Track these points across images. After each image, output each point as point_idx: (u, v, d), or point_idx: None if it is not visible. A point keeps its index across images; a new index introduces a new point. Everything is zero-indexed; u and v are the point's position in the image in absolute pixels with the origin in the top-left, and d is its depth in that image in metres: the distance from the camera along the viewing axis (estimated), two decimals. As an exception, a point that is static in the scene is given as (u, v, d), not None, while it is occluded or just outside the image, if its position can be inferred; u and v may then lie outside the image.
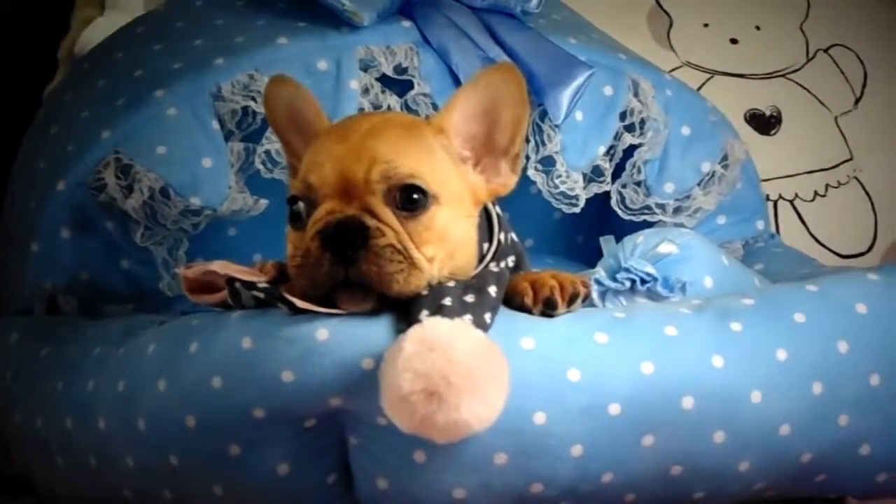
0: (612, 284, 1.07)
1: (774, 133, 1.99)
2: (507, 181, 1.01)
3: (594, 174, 1.39)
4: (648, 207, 1.43)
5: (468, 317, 0.88)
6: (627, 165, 1.42)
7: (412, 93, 1.32)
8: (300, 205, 0.95)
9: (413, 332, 0.84)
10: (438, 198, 0.94)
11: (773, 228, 1.64)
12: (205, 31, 1.34)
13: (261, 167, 1.26)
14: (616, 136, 1.39)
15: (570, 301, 0.95)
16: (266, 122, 1.07)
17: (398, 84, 1.33)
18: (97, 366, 1.03)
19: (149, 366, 0.96)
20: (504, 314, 0.93)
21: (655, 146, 1.41)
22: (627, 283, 1.07)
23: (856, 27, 2.08)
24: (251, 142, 1.27)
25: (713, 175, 1.44)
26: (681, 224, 1.42)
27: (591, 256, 1.42)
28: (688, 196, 1.43)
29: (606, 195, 1.43)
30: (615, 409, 0.91)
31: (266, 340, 0.90)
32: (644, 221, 1.42)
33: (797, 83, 2.03)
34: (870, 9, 2.11)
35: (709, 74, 2.01)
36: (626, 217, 1.43)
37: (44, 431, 1.07)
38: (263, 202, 1.26)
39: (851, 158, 1.99)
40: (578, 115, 1.36)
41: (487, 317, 0.90)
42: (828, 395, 0.97)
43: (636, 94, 1.40)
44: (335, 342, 0.88)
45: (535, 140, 1.35)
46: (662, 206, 1.42)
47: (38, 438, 1.08)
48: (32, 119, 1.42)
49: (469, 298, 0.91)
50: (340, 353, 0.88)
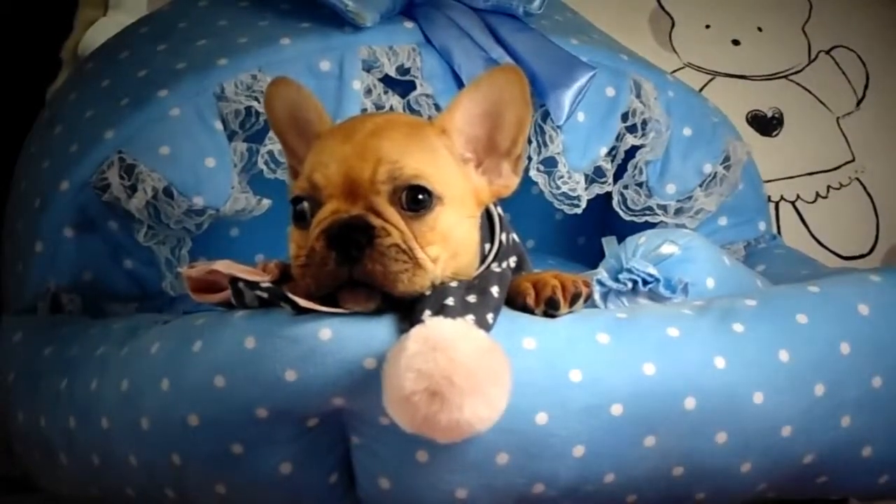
0: (614, 285, 1.07)
1: (776, 134, 1.99)
2: (509, 182, 1.01)
3: (596, 175, 1.39)
4: (650, 208, 1.43)
5: (470, 317, 0.88)
6: (629, 166, 1.42)
7: (415, 93, 1.32)
8: (304, 204, 0.95)
9: (416, 332, 0.84)
10: (442, 198, 0.94)
11: (775, 230, 1.63)
12: (208, 32, 1.34)
13: (264, 167, 1.27)
14: (618, 137, 1.39)
15: (572, 301, 0.95)
16: (268, 123, 1.08)
17: (401, 85, 1.33)
18: (100, 365, 1.03)
19: (152, 365, 0.96)
20: (506, 314, 0.93)
21: (657, 147, 1.41)
22: (629, 284, 1.07)
23: (858, 28, 2.08)
24: (254, 142, 1.27)
25: (715, 176, 1.44)
26: (682, 225, 1.42)
27: (593, 257, 1.42)
28: (689, 197, 1.43)
29: (608, 196, 1.43)
30: (617, 410, 0.91)
31: (269, 340, 0.90)
32: (646, 222, 1.42)
33: (799, 84, 2.03)
34: (872, 10, 2.11)
35: (710, 76, 2.01)
36: (628, 218, 1.43)
37: (47, 431, 1.07)
38: (266, 202, 1.27)
39: (853, 160, 1.99)
40: (580, 116, 1.36)
41: (490, 317, 0.90)
42: (830, 397, 0.97)
43: (638, 95, 1.40)
44: (338, 342, 0.88)
45: (537, 141, 1.36)
46: (664, 208, 1.43)
47: (42, 438, 1.08)
48: (36, 119, 1.42)
49: (471, 299, 0.91)
50: (343, 353, 0.88)
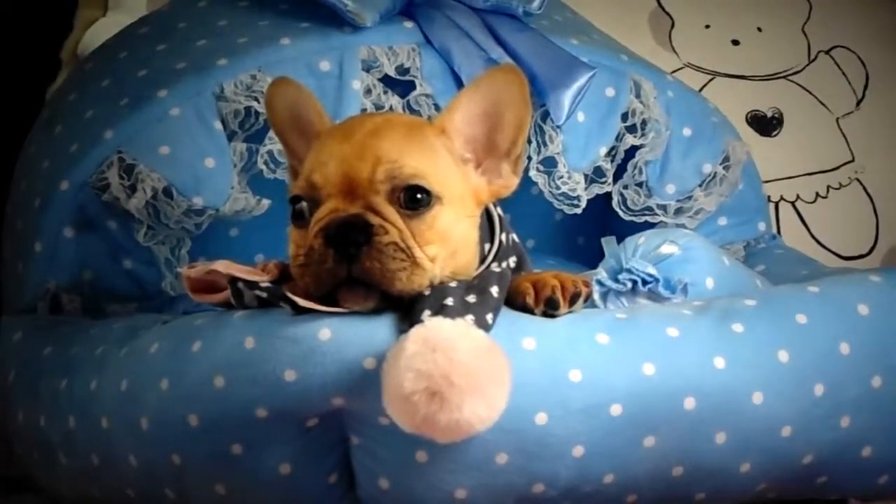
0: (614, 285, 1.07)
1: (776, 134, 1.98)
2: (509, 182, 1.01)
3: (595, 175, 1.40)
4: (650, 208, 1.43)
5: (470, 317, 0.88)
6: (629, 166, 1.42)
7: (414, 93, 1.32)
8: (303, 204, 0.95)
9: (415, 332, 0.84)
10: (441, 197, 0.94)
11: (775, 230, 1.63)
12: (208, 32, 1.34)
13: (263, 167, 1.27)
14: (618, 137, 1.39)
15: (572, 301, 0.95)
16: (268, 123, 1.08)
17: (400, 85, 1.33)
18: (100, 365, 1.03)
19: (151, 365, 0.96)
20: (506, 314, 0.93)
21: (657, 147, 1.41)
22: (629, 284, 1.07)
23: (857, 29, 2.08)
24: (254, 142, 1.27)
25: (714, 176, 1.44)
26: (682, 225, 1.42)
27: (593, 257, 1.42)
28: (689, 197, 1.43)
29: (608, 196, 1.43)
30: (616, 410, 0.92)
31: (268, 340, 0.90)
32: (645, 222, 1.42)
33: (798, 84, 2.03)
34: (871, 10, 2.11)
35: (710, 76, 2.00)
36: (628, 218, 1.43)
37: (47, 431, 1.07)
38: (266, 202, 1.27)
39: (853, 160, 1.99)
40: (580, 116, 1.36)
41: (489, 317, 0.90)
42: (829, 397, 0.97)
43: (638, 96, 1.40)
44: (337, 342, 0.89)
45: (537, 141, 1.36)
46: (664, 208, 1.43)
47: (42, 438, 1.08)
48: (36, 119, 1.42)
49: (471, 299, 0.91)
50: (343, 353, 0.88)
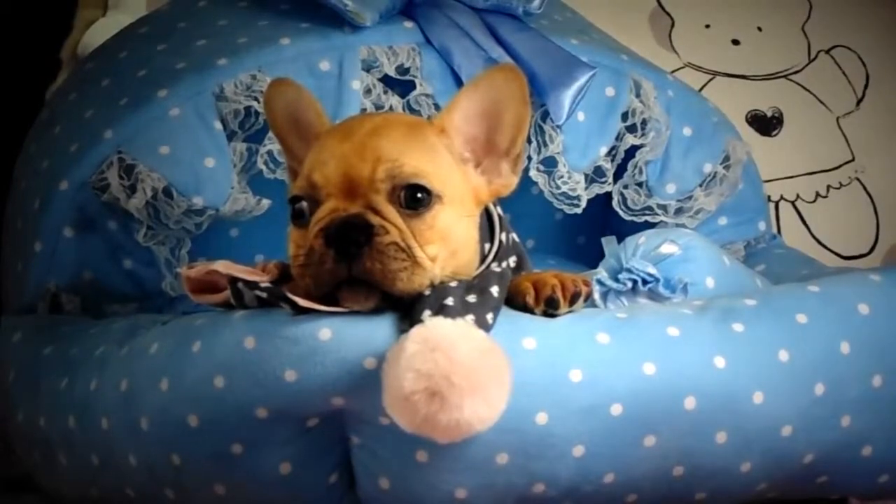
0: (614, 285, 1.07)
1: (776, 134, 1.99)
2: (508, 181, 1.01)
3: (596, 175, 1.39)
4: (650, 208, 1.43)
5: (470, 317, 0.88)
6: (629, 166, 1.42)
7: (414, 93, 1.32)
8: (303, 203, 0.95)
9: (415, 332, 0.84)
10: (441, 197, 0.94)
11: (775, 229, 1.63)
12: (208, 32, 1.34)
13: (263, 167, 1.27)
14: (618, 137, 1.39)
15: (572, 301, 0.95)
16: (267, 123, 1.08)
17: (400, 84, 1.33)
18: (100, 365, 1.03)
19: (151, 365, 0.96)
20: (506, 314, 0.93)
21: (657, 147, 1.41)
22: (629, 284, 1.07)
23: (857, 28, 2.08)
24: (254, 142, 1.27)
25: (715, 176, 1.44)
26: (682, 225, 1.42)
27: (593, 257, 1.42)
28: (689, 197, 1.43)
29: (608, 196, 1.43)
30: (617, 410, 0.91)
31: (269, 340, 0.90)
32: (645, 222, 1.42)
33: (799, 84, 2.03)
34: (871, 10, 2.11)
35: (710, 75, 2.01)
36: (628, 218, 1.43)
37: (46, 430, 1.07)
38: (266, 202, 1.27)
39: (853, 159, 1.99)
40: (580, 116, 1.36)
41: (489, 317, 0.90)
42: (830, 396, 0.97)
43: (638, 95, 1.40)
44: (338, 342, 0.88)
45: (537, 141, 1.35)
46: (664, 207, 1.42)
47: (41, 437, 1.08)
48: (36, 119, 1.42)
49: (471, 298, 0.91)
50: (343, 353, 0.88)
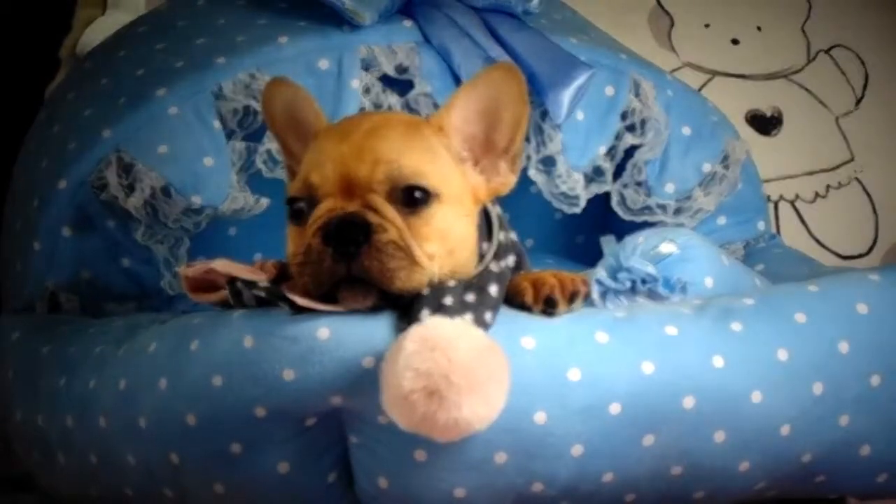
0: (613, 284, 1.07)
1: (775, 134, 1.99)
2: (507, 180, 1.01)
3: (595, 174, 1.39)
4: (649, 208, 1.43)
5: (469, 316, 0.88)
6: (628, 165, 1.42)
7: (413, 92, 1.32)
8: (301, 203, 0.95)
9: (414, 331, 0.84)
10: (440, 196, 0.94)
11: (774, 229, 1.64)
12: (206, 31, 1.34)
13: (262, 166, 1.27)
14: (617, 137, 1.39)
15: (571, 300, 0.95)
16: (265, 123, 1.08)
17: (399, 84, 1.33)
18: (98, 364, 1.03)
19: (150, 364, 0.96)
20: (505, 313, 0.93)
21: (656, 146, 1.41)
22: (628, 283, 1.07)
23: (857, 28, 2.08)
24: (252, 141, 1.27)
25: (714, 175, 1.44)
26: (681, 224, 1.42)
27: (592, 257, 1.41)
28: (688, 196, 1.43)
29: (607, 195, 1.43)
30: (616, 409, 0.91)
31: (267, 339, 0.90)
32: (644, 222, 1.42)
33: (798, 84, 2.03)
34: (871, 10, 2.11)
35: (710, 75, 2.01)
36: (627, 217, 1.43)
37: (45, 429, 1.07)
38: (264, 201, 1.26)
39: (852, 159, 1.99)
40: (579, 115, 1.36)
41: (488, 316, 0.90)
42: (828, 396, 0.97)
43: (637, 95, 1.40)
44: (336, 341, 0.88)
45: (536, 140, 1.35)
46: (663, 207, 1.42)
47: (40, 437, 1.08)
48: (34, 118, 1.42)
49: (470, 298, 0.91)
50: (341, 352, 0.88)
